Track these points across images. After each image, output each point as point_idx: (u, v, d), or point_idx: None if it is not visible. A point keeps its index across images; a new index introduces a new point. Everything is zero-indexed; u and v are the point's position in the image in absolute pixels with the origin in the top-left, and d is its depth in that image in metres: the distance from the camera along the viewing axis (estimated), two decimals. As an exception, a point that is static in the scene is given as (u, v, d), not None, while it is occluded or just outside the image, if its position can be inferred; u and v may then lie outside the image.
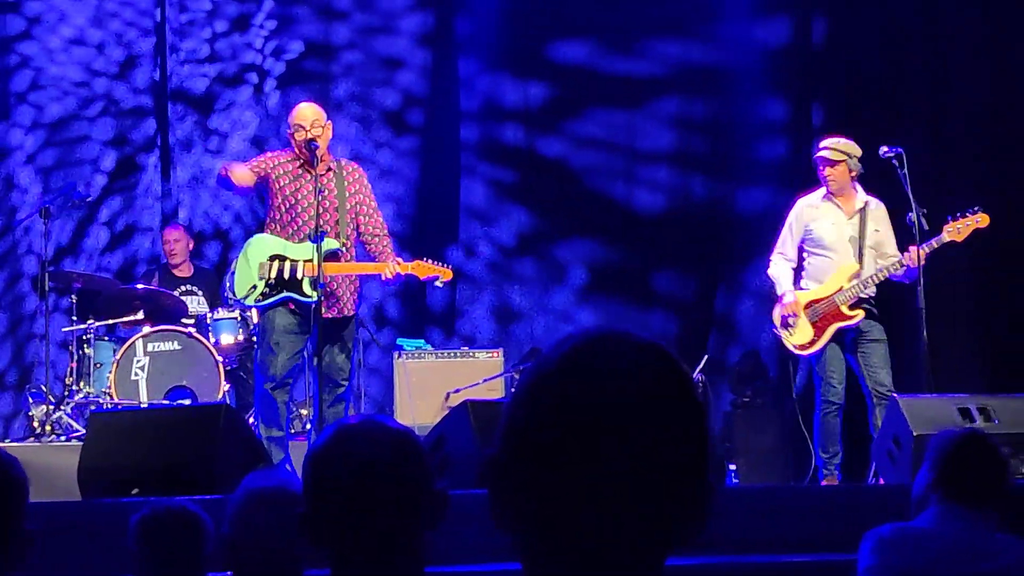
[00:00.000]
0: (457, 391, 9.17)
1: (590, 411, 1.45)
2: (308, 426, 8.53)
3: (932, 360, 7.82)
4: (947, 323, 9.02)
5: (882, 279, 7.90)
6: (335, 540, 2.18)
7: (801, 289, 8.06)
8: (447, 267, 7.45)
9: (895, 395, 7.01)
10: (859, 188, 8.03)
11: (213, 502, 4.25)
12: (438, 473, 2.32)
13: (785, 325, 7.99)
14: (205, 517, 3.60)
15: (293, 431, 8.67)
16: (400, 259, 7.43)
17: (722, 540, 4.87)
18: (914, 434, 6.61)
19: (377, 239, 7.53)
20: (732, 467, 8.30)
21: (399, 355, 9.60)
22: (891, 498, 5.86)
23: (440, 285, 7.56)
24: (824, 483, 7.79)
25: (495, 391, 9.30)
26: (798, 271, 8.14)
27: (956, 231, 7.78)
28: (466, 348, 9.91)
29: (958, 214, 7.84)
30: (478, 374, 9.39)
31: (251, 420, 7.70)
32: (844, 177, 7.93)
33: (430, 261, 7.44)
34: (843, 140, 8.01)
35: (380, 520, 2.18)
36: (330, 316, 7.29)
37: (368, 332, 9.87)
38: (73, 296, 9.44)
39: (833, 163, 7.91)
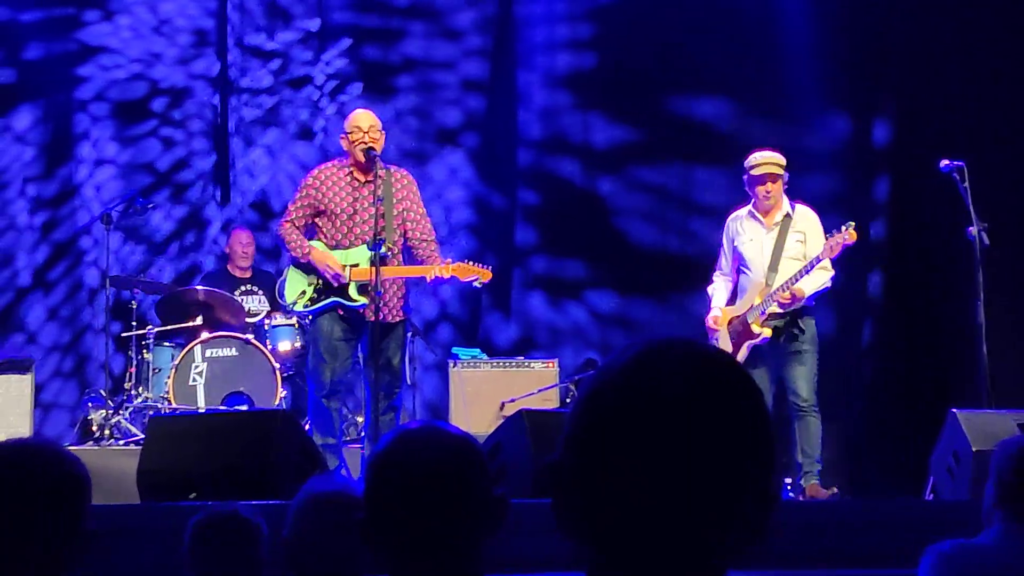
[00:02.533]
0: (512, 400, 9.19)
1: (653, 418, 1.44)
2: (362, 433, 8.55)
3: (992, 375, 7.72)
4: (1007, 338, 8.91)
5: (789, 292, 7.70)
6: (395, 545, 2.18)
7: (732, 306, 8.01)
8: (487, 268, 7.44)
9: (954, 410, 6.91)
10: (786, 199, 7.93)
11: (270, 507, 4.27)
12: (496, 480, 2.31)
13: (713, 342, 7.84)
14: (260, 521, 3.61)
15: (347, 438, 8.68)
16: (448, 260, 7.44)
17: (778, 554, 4.84)
18: (973, 450, 6.53)
19: (425, 244, 7.53)
20: (787, 481, 8.23)
21: (454, 364, 9.60)
22: (950, 514, 5.81)
23: (479, 286, 7.55)
24: None
25: (550, 401, 9.29)
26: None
27: (829, 248, 7.65)
28: (521, 358, 9.89)
29: (833, 231, 7.69)
30: (533, 383, 9.39)
31: (307, 426, 7.71)
32: (780, 190, 7.86)
33: (470, 263, 7.45)
34: (775, 154, 7.92)
35: (440, 526, 2.17)
36: (377, 320, 7.27)
37: (423, 341, 9.89)
38: (133, 301, 9.53)
39: (776, 177, 7.82)
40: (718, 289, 8.06)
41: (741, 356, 7.74)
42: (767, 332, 7.74)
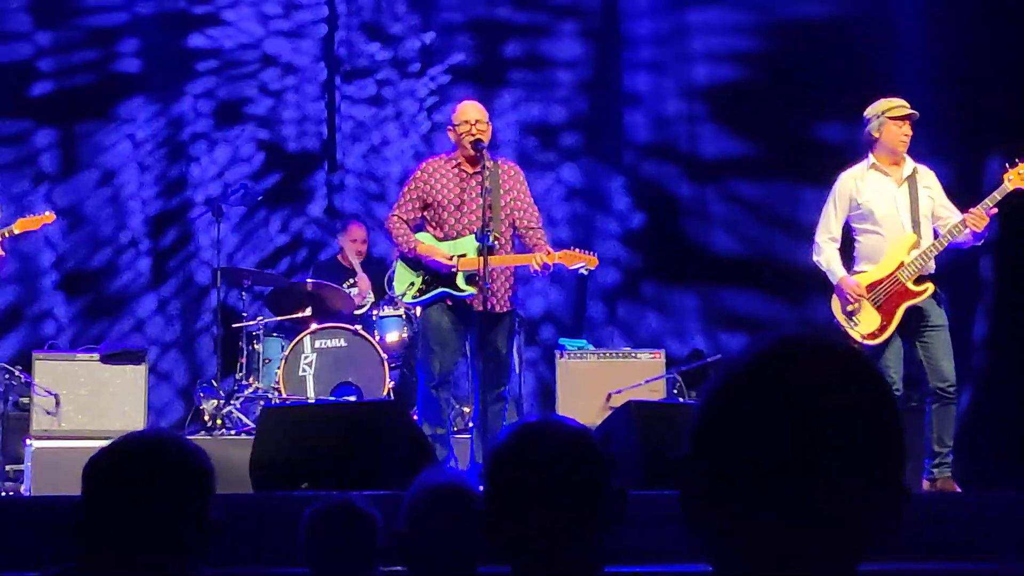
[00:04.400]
0: (619, 392, 9.13)
1: (784, 414, 1.43)
2: (470, 424, 8.58)
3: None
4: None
5: (942, 248, 7.20)
6: (516, 537, 2.19)
7: (855, 273, 7.38)
8: (593, 255, 7.44)
9: None
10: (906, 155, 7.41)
11: (381, 497, 4.30)
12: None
13: (849, 315, 7.29)
14: (376, 512, 3.64)
15: (455, 429, 8.72)
16: (550, 248, 7.44)
17: (895, 546, 4.77)
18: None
19: (532, 232, 7.53)
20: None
21: (561, 355, 9.56)
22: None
23: (585, 273, 7.55)
24: None
25: (657, 392, 9.20)
26: (847, 253, 7.48)
27: (1020, 177, 7.04)
28: (628, 349, 9.82)
29: (1016, 159, 7.14)
30: (640, 375, 9.29)
31: (415, 416, 7.76)
32: None
33: (576, 250, 7.45)
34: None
35: (561, 518, 2.17)
36: (485, 310, 7.29)
37: (527, 333, 9.90)
38: (243, 292, 9.64)
39: (913, 121, 7.32)
40: (835, 257, 7.43)
41: (896, 322, 7.20)
42: (929, 288, 7.22)
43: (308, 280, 9.62)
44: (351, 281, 9.99)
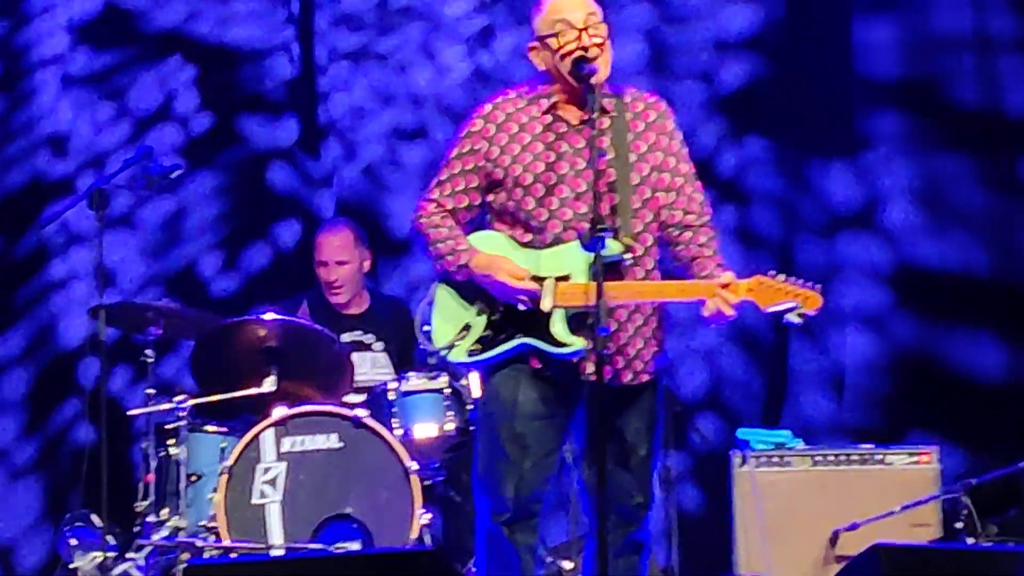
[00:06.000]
0: (853, 527, 9.35)
1: None
2: (575, 591, 8.61)
3: None
4: None
5: None
6: None
7: None
8: (814, 288, 7.23)
9: None
10: None
11: None
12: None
13: None
14: None
15: (549, 602, 8.74)
16: (732, 272, 7.24)
17: None
18: None
19: (691, 233, 7.31)
20: None
21: (743, 459, 9.60)
22: None
23: (798, 320, 7.34)
24: None
25: (927, 526, 9.20)
26: None
27: None
28: (869, 447, 9.81)
29: None
30: (894, 495, 9.45)
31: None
32: None
33: (779, 276, 7.23)
34: None
35: None
36: (608, 382, 7.12)
37: (679, 411, 9.86)
38: (149, 350, 9.58)
39: None
40: None
41: None
42: None
43: (267, 316, 9.63)
44: (348, 337, 10.06)
